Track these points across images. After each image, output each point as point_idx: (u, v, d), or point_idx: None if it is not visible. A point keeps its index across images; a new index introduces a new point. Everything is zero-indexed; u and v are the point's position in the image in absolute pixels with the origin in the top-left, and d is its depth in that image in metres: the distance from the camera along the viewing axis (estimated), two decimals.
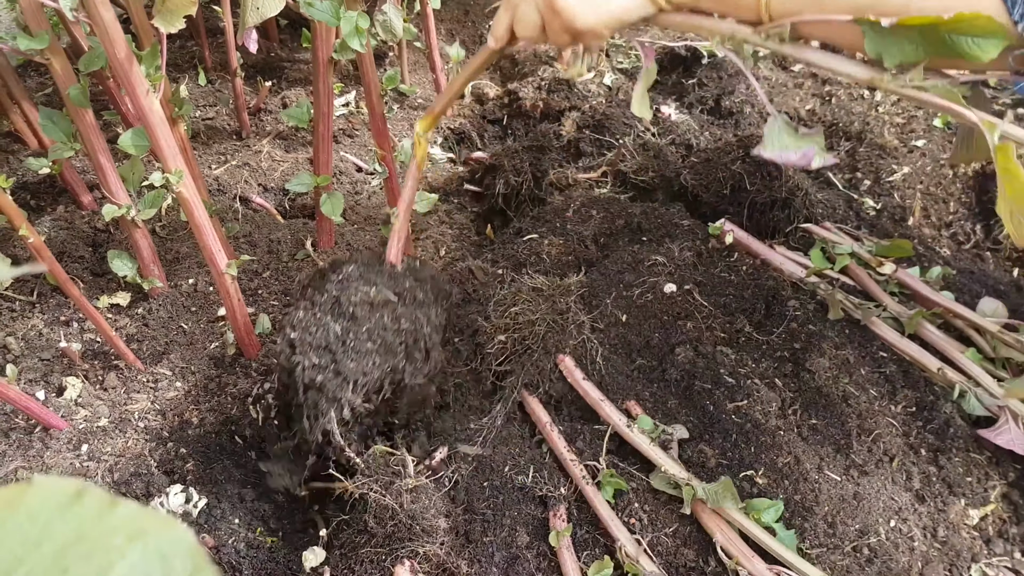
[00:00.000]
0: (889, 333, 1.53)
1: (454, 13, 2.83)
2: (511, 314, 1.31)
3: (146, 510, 0.29)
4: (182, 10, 0.92)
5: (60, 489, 0.29)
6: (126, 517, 0.28)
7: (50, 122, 1.37)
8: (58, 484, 0.29)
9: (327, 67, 1.43)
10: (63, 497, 0.29)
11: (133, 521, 0.28)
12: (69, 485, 0.29)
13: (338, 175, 2.06)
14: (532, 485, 1.25)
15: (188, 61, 2.54)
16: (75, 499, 0.29)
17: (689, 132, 2.15)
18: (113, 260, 1.50)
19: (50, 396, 1.42)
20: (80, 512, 0.28)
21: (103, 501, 0.29)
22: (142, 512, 0.28)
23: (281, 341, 1.16)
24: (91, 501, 0.29)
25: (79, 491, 0.29)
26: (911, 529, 1.28)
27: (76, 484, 0.29)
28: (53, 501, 0.29)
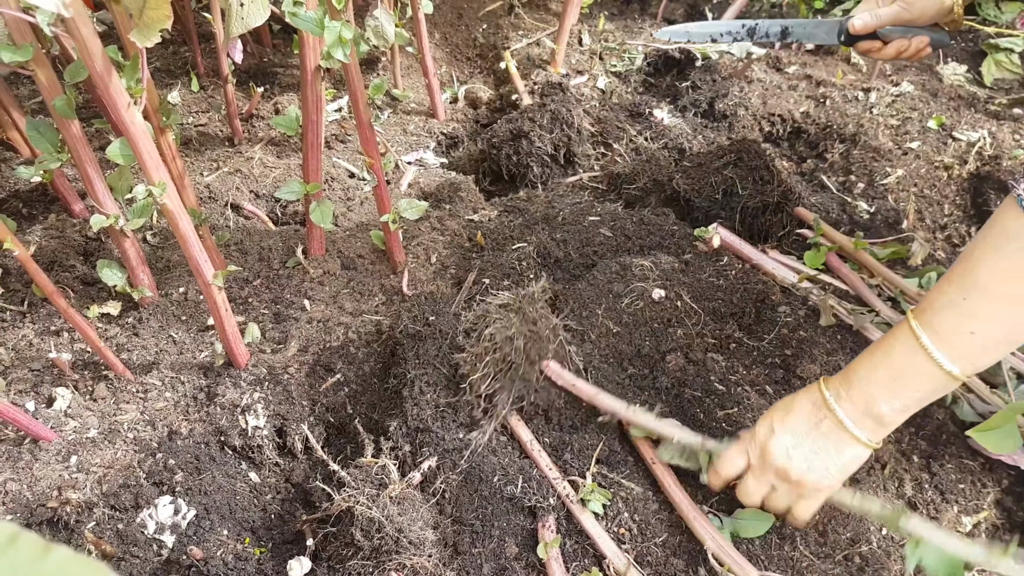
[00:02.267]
0: None
1: (447, 17, 2.82)
2: (487, 336, 1.31)
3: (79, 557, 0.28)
4: (158, 24, 0.91)
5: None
6: (59, 563, 0.28)
7: (37, 132, 1.36)
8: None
9: (315, 75, 1.43)
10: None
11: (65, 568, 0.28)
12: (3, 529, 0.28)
13: (330, 181, 2.06)
14: (521, 495, 1.24)
15: (180, 67, 2.53)
16: (9, 543, 0.28)
17: (682, 136, 2.15)
18: (103, 270, 1.49)
19: (40, 407, 1.41)
20: (13, 556, 0.28)
21: (36, 546, 0.28)
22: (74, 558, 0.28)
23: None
24: (25, 546, 0.28)
25: (12, 535, 0.28)
26: (903, 537, 1.28)
27: (10, 528, 0.28)
28: None
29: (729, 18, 2.76)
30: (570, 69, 2.51)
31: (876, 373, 1.04)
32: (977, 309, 0.96)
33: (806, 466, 1.10)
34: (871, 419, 1.06)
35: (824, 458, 1.09)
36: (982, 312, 0.96)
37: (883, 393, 1.04)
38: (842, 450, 1.09)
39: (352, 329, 1.58)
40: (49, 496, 1.25)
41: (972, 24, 2.73)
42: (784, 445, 1.11)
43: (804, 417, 1.11)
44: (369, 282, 1.71)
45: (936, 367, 0.99)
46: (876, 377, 1.04)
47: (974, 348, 0.97)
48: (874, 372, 1.05)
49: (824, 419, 1.09)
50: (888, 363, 1.03)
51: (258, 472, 1.39)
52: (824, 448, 1.09)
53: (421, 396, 1.34)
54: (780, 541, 1.25)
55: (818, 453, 1.09)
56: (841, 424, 1.07)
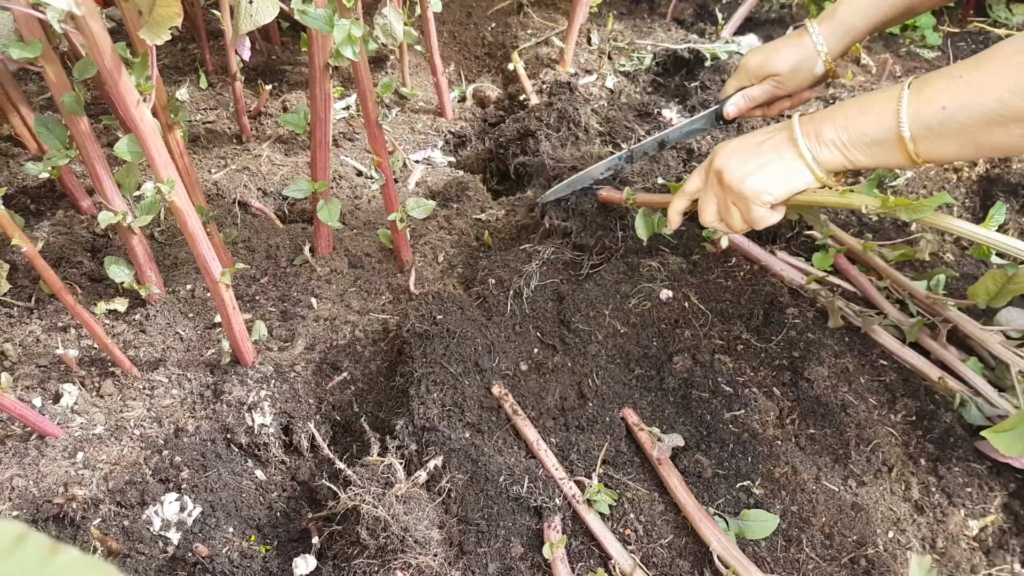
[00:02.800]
0: (890, 341, 1.52)
1: (456, 16, 2.82)
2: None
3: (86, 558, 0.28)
4: (168, 22, 0.91)
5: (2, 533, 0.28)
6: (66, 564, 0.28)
7: (45, 129, 1.37)
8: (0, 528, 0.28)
9: (324, 73, 1.43)
10: (5, 541, 0.28)
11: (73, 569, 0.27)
12: (11, 529, 0.28)
13: (338, 179, 2.06)
14: (527, 495, 1.24)
15: (189, 64, 2.54)
16: (17, 544, 0.28)
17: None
18: (110, 266, 1.50)
19: (47, 403, 1.42)
20: (21, 557, 0.28)
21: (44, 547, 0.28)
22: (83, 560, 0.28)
23: None
24: (33, 546, 0.28)
25: (21, 536, 0.28)
26: (910, 540, 1.27)
27: (18, 528, 0.28)
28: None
29: (738, 20, 2.75)
30: (579, 68, 2.51)
31: (850, 108, 1.10)
32: (964, 91, 0.97)
33: (744, 169, 1.18)
34: (816, 138, 1.12)
35: (766, 167, 1.17)
36: (967, 94, 0.97)
37: (839, 122, 1.10)
38: (786, 163, 1.16)
39: (359, 327, 1.58)
40: (55, 492, 1.26)
41: (982, 26, 2.72)
42: (729, 150, 1.21)
43: (762, 134, 1.20)
44: (376, 280, 1.71)
45: (895, 122, 1.03)
46: (848, 110, 1.10)
47: (935, 126, 1.00)
48: (849, 107, 1.10)
49: (778, 135, 1.17)
50: (865, 102, 1.08)
51: (264, 470, 1.39)
52: (768, 157, 1.17)
53: (428, 395, 1.34)
54: (786, 543, 1.24)
55: (761, 161, 1.17)
56: (793, 138, 1.14)
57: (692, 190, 1.34)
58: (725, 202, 1.25)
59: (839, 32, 1.37)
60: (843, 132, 1.10)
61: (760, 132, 1.22)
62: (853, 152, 1.10)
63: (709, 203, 1.28)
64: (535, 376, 1.46)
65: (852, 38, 1.37)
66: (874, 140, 1.07)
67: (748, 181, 1.18)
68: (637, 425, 1.37)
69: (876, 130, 1.06)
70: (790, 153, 1.16)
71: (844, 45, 1.38)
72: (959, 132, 0.99)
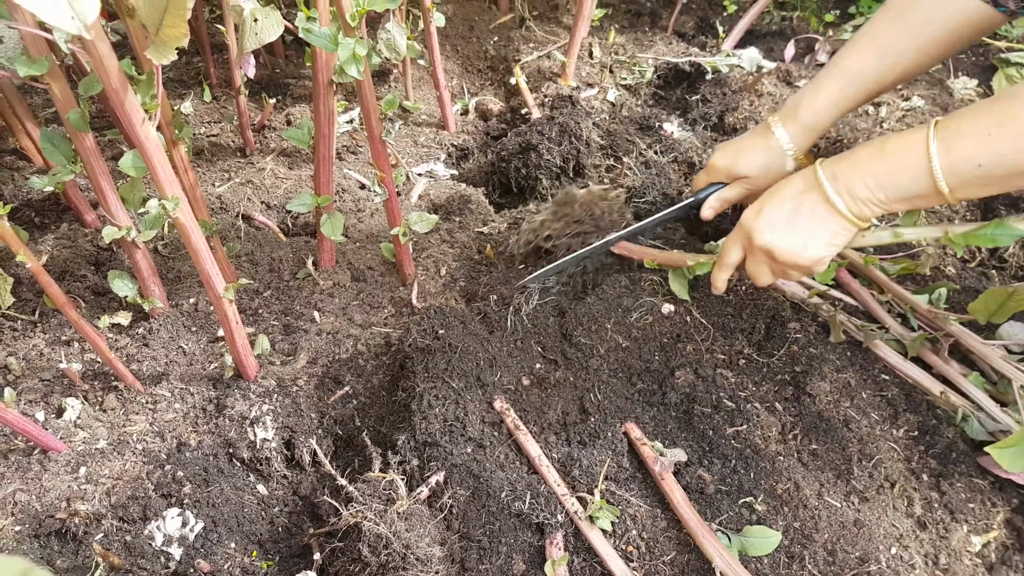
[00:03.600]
0: (891, 355, 1.52)
1: (458, 30, 2.83)
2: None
3: None
4: (174, 42, 0.91)
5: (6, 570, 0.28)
6: None
7: (50, 144, 1.37)
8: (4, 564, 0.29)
9: (327, 89, 1.43)
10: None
11: None
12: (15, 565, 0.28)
13: (341, 193, 2.07)
14: (529, 512, 1.24)
15: (193, 77, 2.55)
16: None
17: (692, 149, 2.14)
18: (114, 280, 1.50)
19: (50, 417, 1.42)
20: None
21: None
22: None
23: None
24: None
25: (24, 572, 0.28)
26: (912, 556, 1.27)
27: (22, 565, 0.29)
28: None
29: (739, 33, 2.76)
30: (580, 82, 2.51)
31: (876, 167, 1.13)
32: (1000, 147, 1.01)
33: (788, 244, 1.23)
34: (850, 197, 1.17)
35: (809, 235, 1.22)
36: (1002, 151, 1.01)
37: (873, 182, 1.14)
38: (826, 225, 1.20)
39: (361, 341, 1.59)
40: (58, 507, 1.26)
41: (983, 39, 2.73)
42: (768, 226, 1.24)
43: (791, 195, 1.23)
44: (379, 294, 1.71)
45: (930, 182, 1.08)
46: (876, 169, 1.13)
47: (972, 179, 1.05)
48: (875, 165, 1.14)
49: (810, 196, 1.21)
50: (892, 162, 1.12)
51: (266, 485, 1.39)
52: (809, 225, 1.21)
53: (430, 410, 1.34)
54: (788, 560, 1.24)
55: (805, 231, 1.22)
56: (827, 198, 1.18)
57: (734, 261, 1.38)
58: (782, 271, 1.30)
59: (804, 130, 1.41)
60: (878, 191, 1.14)
61: (785, 194, 1.24)
62: (892, 205, 1.15)
63: (763, 273, 1.33)
64: (537, 391, 1.46)
65: (818, 133, 1.41)
66: (914, 196, 1.12)
67: (803, 255, 1.23)
68: (639, 440, 1.37)
69: (913, 188, 1.11)
70: (829, 215, 1.20)
71: (811, 140, 1.42)
72: (996, 182, 1.05)
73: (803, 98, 1.40)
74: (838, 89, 1.37)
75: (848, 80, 1.37)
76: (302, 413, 1.44)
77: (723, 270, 1.41)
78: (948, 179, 1.07)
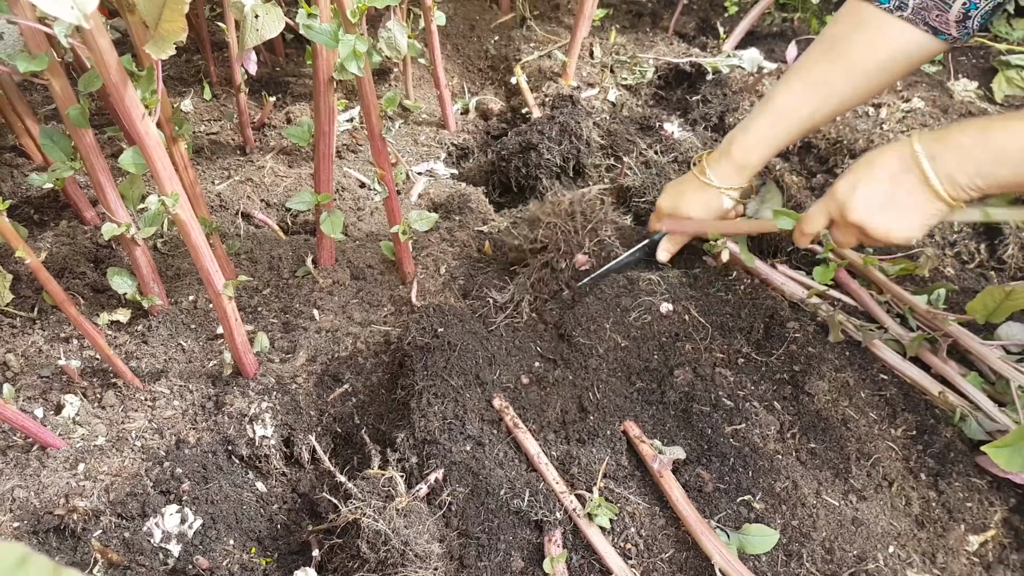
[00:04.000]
0: (890, 355, 1.53)
1: (459, 29, 2.83)
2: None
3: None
4: (173, 36, 0.92)
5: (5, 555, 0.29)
6: None
7: (50, 141, 1.37)
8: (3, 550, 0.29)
9: (328, 86, 1.43)
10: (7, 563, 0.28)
11: None
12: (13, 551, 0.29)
13: (340, 191, 2.07)
14: (528, 509, 1.24)
15: (193, 75, 2.55)
16: (19, 566, 0.28)
17: (692, 149, 2.15)
18: (113, 278, 1.50)
19: (48, 414, 1.42)
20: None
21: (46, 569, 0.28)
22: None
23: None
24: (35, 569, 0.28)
25: (23, 557, 0.28)
26: (910, 555, 1.27)
27: (20, 551, 0.29)
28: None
29: (740, 34, 2.75)
30: (581, 81, 2.51)
31: (979, 154, 1.12)
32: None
33: (885, 223, 1.21)
34: (950, 183, 1.15)
35: (904, 215, 1.20)
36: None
37: (973, 169, 1.12)
38: (923, 207, 1.19)
39: (360, 339, 1.59)
40: (56, 503, 1.26)
41: (983, 40, 2.73)
42: (864, 204, 1.22)
43: (888, 174, 1.20)
44: (378, 292, 1.71)
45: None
46: (978, 156, 1.12)
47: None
48: (978, 152, 1.12)
49: (908, 176, 1.18)
50: (997, 150, 1.10)
51: (265, 482, 1.40)
52: (905, 205, 1.19)
53: (429, 408, 1.34)
54: (787, 558, 1.24)
55: (900, 213, 1.20)
56: (926, 181, 1.16)
57: (817, 230, 1.36)
58: (870, 243, 1.29)
59: (737, 169, 1.43)
60: (978, 179, 1.13)
61: (881, 172, 1.22)
62: (989, 191, 1.15)
63: (851, 242, 1.32)
64: (536, 389, 1.46)
65: (752, 171, 1.43)
66: (1015, 185, 1.13)
67: (897, 234, 1.23)
68: (638, 438, 1.37)
69: (1017, 178, 1.11)
70: (927, 198, 1.19)
71: (746, 177, 1.43)
72: None
73: (735, 137, 1.41)
74: (768, 126, 1.38)
75: (779, 117, 1.37)
76: (301, 411, 1.44)
77: (804, 238, 1.39)
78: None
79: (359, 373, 1.53)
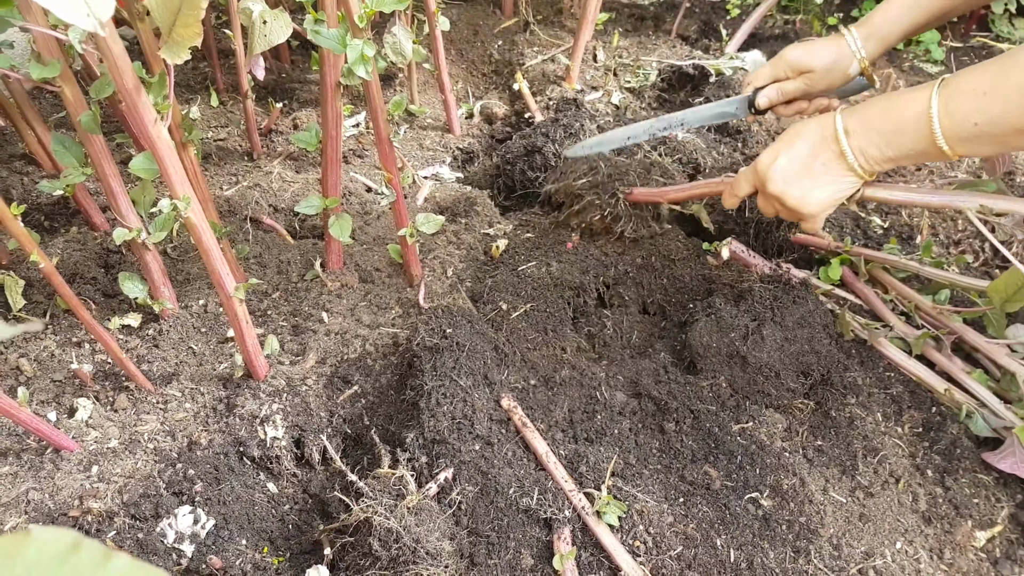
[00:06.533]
0: (896, 353, 1.54)
1: (463, 34, 2.85)
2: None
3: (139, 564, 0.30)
4: (188, 42, 0.93)
5: (56, 540, 0.30)
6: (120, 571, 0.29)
7: (62, 147, 1.39)
8: (55, 536, 0.30)
9: (335, 91, 1.45)
10: (59, 549, 0.30)
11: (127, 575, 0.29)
12: (65, 537, 0.30)
13: (347, 196, 2.08)
14: (537, 507, 1.25)
15: (200, 82, 2.57)
16: (71, 551, 0.30)
17: (696, 151, 2.16)
18: (124, 282, 1.52)
19: (61, 417, 1.44)
20: (76, 565, 0.29)
21: (98, 554, 0.29)
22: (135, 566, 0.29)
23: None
24: (86, 554, 0.29)
25: (75, 543, 0.30)
26: (917, 551, 1.28)
27: (72, 536, 0.30)
28: (50, 553, 0.29)
29: (742, 36, 2.77)
30: (585, 85, 2.53)
31: (883, 125, 1.18)
32: (992, 107, 1.05)
33: (800, 194, 1.27)
34: (863, 155, 1.21)
35: (817, 186, 1.26)
36: (994, 110, 1.05)
37: (881, 140, 1.18)
38: (837, 180, 1.26)
39: (369, 341, 1.60)
40: (71, 505, 1.27)
41: (985, 41, 2.74)
42: (782, 177, 1.28)
43: (808, 146, 1.26)
44: (386, 295, 1.73)
45: (930, 139, 1.12)
46: (883, 127, 1.18)
47: (970, 137, 1.09)
48: (882, 123, 1.18)
49: (825, 150, 1.24)
50: (897, 119, 1.16)
51: (276, 482, 1.41)
52: (820, 177, 1.26)
53: (438, 408, 1.36)
54: (794, 554, 1.25)
55: (816, 184, 1.26)
56: (842, 154, 1.22)
57: (743, 195, 1.43)
58: (787, 214, 1.34)
59: (875, 37, 1.42)
60: (887, 149, 1.19)
61: (800, 144, 1.27)
62: (900, 161, 1.21)
63: (770, 212, 1.38)
64: (544, 389, 1.48)
65: (887, 43, 1.42)
66: (917, 152, 1.17)
67: (809, 205, 1.28)
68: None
69: (917, 145, 1.15)
70: (842, 170, 1.25)
71: (879, 50, 1.43)
72: (992, 140, 1.08)
73: (878, 8, 1.41)
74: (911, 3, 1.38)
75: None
76: (311, 412, 1.46)
77: (732, 199, 1.46)
78: (947, 138, 1.11)
79: (368, 375, 1.54)
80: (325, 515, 1.37)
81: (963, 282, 1.58)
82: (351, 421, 1.49)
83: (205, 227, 1.21)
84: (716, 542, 1.25)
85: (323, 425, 1.46)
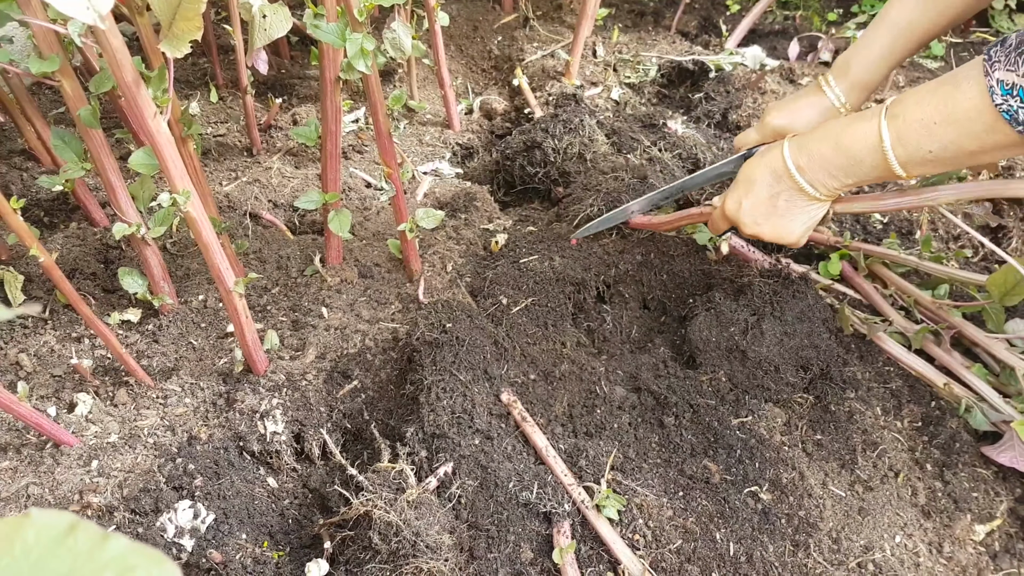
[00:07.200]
0: (895, 348, 1.54)
1: (463, 29, 2.85)
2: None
3: (136, 545, 0.30)
4: (188, 35, 0.93)
5: (54, 523, 0.30)
6: (117, 552, 0.29)
7: (62, 142, 1.39)
8: (52, 518, 0.30)
9: (334, 86, 1.45)
10: (56, 531, 0.30)
11: (124, 557, 0.29)
12: (63, 519, 0.30)
13: (347, 191, 2.08)
14: (536, 501, 1.26)
15: (200, 78, 2.57)
16: (68, 533, 0.30)
17: (696, 146, 2.16)
18: (124, 277, 1.52)
19: (61, 412, 1.44)
20: (73, 547, 0.29)
21: (95, 536, 0.29)
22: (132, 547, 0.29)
23: None
24: (83, 536, 0.30)
25: (72, 525, 0.30)
26: (916, 545, 1.28)
27: (69, 518, 0.30)
28: (48, 535, 0.30)
29: (742, 31, 2.77)
30: (584, 80, 2.53)
31: (836, 159, 1.22)
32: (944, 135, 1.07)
33: (774, 229, 1.34)
34: (822, 186, 1.26)
35: (789, 220, 1.33)
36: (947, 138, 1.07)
37: (840, 172, 1.23)
38: (804, 210, 1.32)
39: (369, 336, 1.60)
40: (71, 500, 1.27)
41: (985, 36, 2.74)
42: (750, 218, 1.35)
43: (766, 189, 1.32)
44: (386, 290, 1.73)
45: (887, 168, 1.16)
46: (836, 162, 1.22)
47: (926, 163, 1.12)
48: (835, 158, 1.22)
49: (784, 189, 1.30)
50: (850, 154, 1.20)
51: (276, 477, 1.41)
52: (787, 212, 1.32)
53: (437, 402, 1.36)
54: (793, 548, 1.25)
55: (786, 219, 1.32)
56: (800, 188, 1.28)
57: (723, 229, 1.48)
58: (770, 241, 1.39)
59: (856, 86, 1.42)
60: (846, 178, 1.23)
61: (760, 188, 1.33)
62: (861, 184, 1.25)
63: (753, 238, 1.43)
64: (543, 383, 1.48)
65: (870, 89, 1.42)
66: (876, 178, 1.21)
67: (788, 237, 1.35)
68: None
69: (874, 173, 1.19)
70: (805, 202, 1.30)
71: (863, 97, 1.43)
72: (948, 163, 1.12)
73: (854, 54, 1.40)
74: (889, 42, 1.37)
75: (899, 32, 1.36)
76: (311, 407, 1.46)
77: (716, 233, 1.52)
78: (903, 165, 1.14)
79: (368, 369, 1.54)
80: (325, 509, 1.37)
81: (962, 276, 1.58)
82: (351, 416, 1.49)
83: (205, 221, 1.21)
84: (715, 536, 1.25)
85: (323, 420, 1.46)
